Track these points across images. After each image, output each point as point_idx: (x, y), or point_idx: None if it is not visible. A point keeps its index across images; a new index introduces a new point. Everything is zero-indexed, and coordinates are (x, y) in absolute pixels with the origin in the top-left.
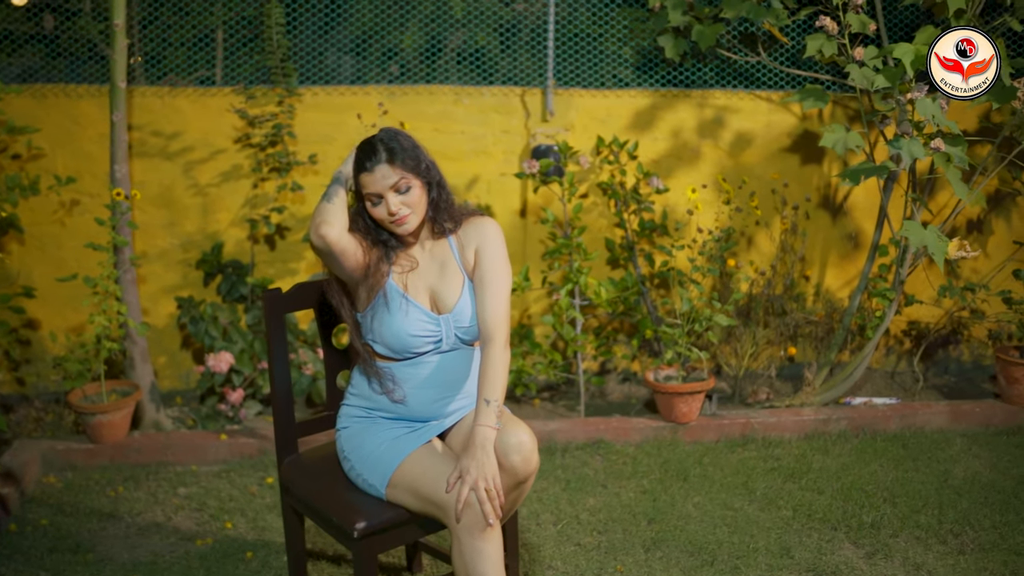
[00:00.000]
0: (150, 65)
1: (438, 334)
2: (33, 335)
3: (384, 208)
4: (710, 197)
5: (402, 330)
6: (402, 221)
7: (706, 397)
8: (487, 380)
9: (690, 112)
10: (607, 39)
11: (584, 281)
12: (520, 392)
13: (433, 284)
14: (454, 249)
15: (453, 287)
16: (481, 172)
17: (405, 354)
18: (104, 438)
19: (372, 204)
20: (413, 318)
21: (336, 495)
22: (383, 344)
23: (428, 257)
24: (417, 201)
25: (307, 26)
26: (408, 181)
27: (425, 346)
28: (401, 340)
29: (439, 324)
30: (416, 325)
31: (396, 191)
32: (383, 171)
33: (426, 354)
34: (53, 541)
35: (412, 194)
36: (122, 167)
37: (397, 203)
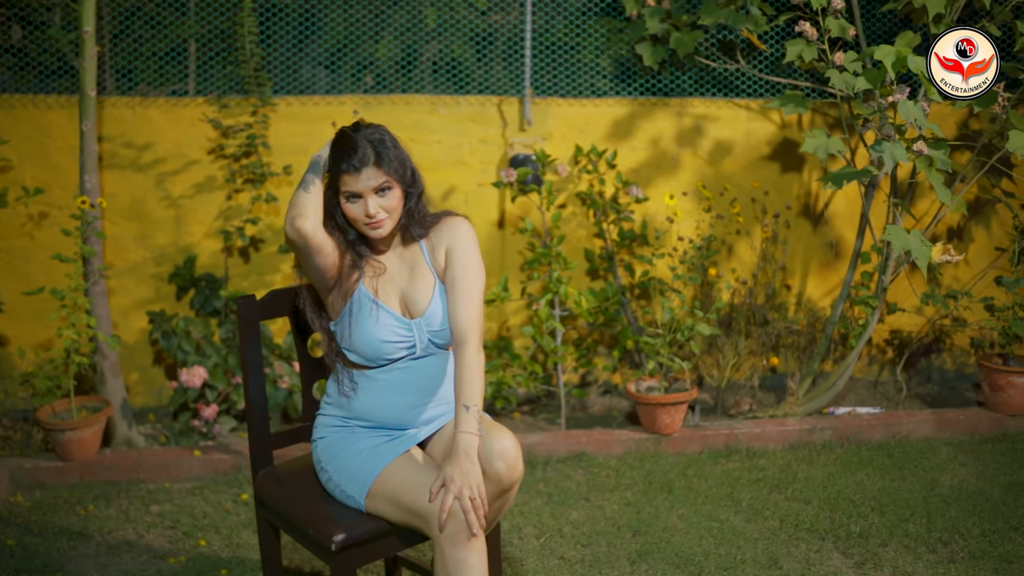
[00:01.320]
0: (121, 77)
1: (410, 339)
2: (1, 351)
3: (361, 208)
4: (690, 206)
5: (374, 336)
6: (377, 225)
7: (689, 408)
8: (463, 385)
9: (669, 121)
10: (585, 48)
11: (564, 291)
12: (500, 405)
13: (404, 288)
14: (424, 251)
15: (424, 290)
16: (458, 182)
17: (379, 361)
18: (74, 455)
19: (347, 201)
20: (384, 324)
21: (313, 507)
22: (356, 352)
23: (398, 260)
24: (395, 207)
25: (281, 38)
26: (390, 182)
27: (398, 352)
28: (373, 347)
29: (411, 329)
30: (387, 331)
31: (376, 193)
32: (369, 173)
33: (400, 360)
34: (20, 562)
35: (391, 198)
36: (92, 177)
37: (376, 206)
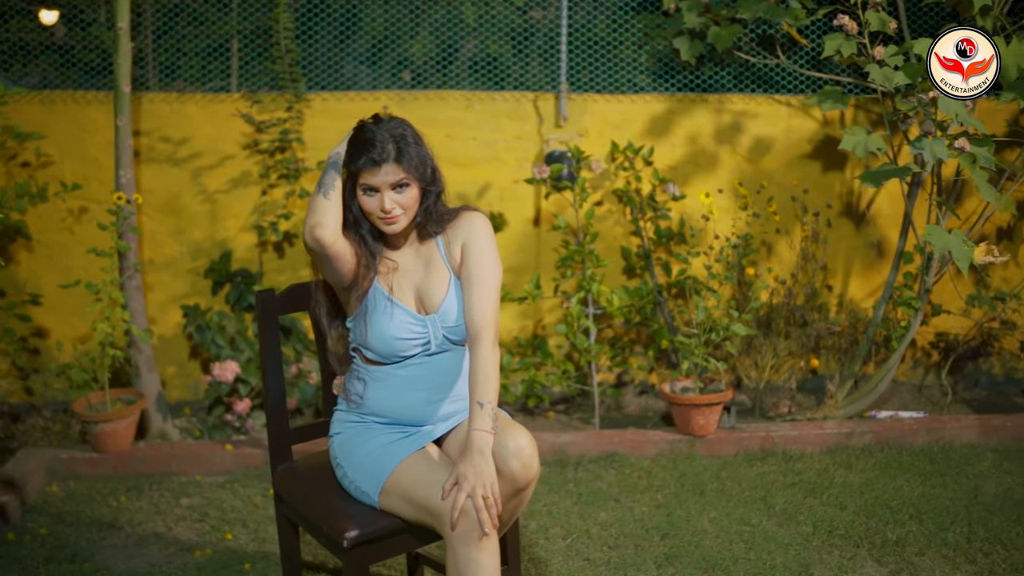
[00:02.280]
0: (164, 75)
1: (425, 335)
2: (41, 344)
3: (377, 202)
4: (728, 204)
5: (387, 333)
6: (392, 220)
7: (724, 409)
8: (478, 382)
9: (707, 117)
10: (622, 44)
11: (597, 289)
12: (533, 403)
13: (419, 284)
14: (440, 247)
15: (439, 286)
16: (493, 179)
17: (394, 357)
18: (108, 447)
19: (364, 193)
20: (398, 320)
21: (328, 503)
22: (371, 349)
23: (414, 256)
24: (411, 204)
25: (322, 35)
26: (408, 179)
27: (412, 348)
28: (388, 344)
29: (425, 325)
30: (401, 328)
31: (393, 189)
32: (388, 169)
33: (415, 356)
34: (51, 550)
35: (408, 195)
36: (127, 172)
37: (391, 202)
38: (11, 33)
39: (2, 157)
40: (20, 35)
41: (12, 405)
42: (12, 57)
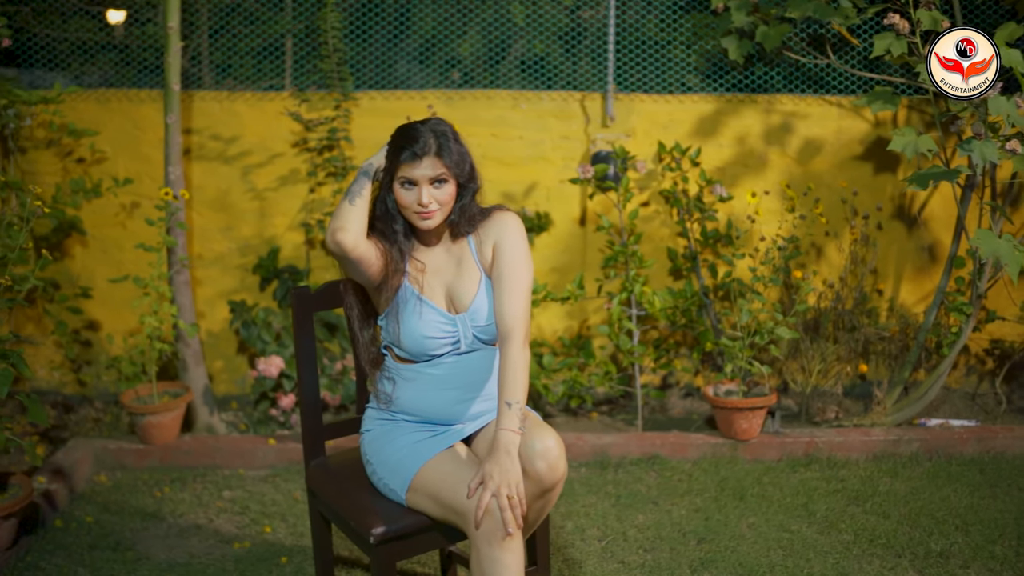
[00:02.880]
0: (219, 73)
1: (455, 335)
2: (94, 336)
3: (415, 196)
4: (775, 205)
5: (417, 332)
6: (428, 215)
7: (768, 414)
8: (507, 382)
9: (756, 118)
10: (670, 43)
11: (639, 290)
12: (575, 404)
13: (450, 282)
14: (472, 247)
15: (469, 285)
16: (540, 178)
17: (424, 356)
18: (154, 439)
19: (401, 187)
20: (428, 319)
21: (357, 500)
22: (402, 348)
23: (445, 255)
24: (447, 200)
25: (372, 34)
26: (447, 176)
27: (442, 347)
28: (417, 342)
29: (455, 324)
30: (431, 326)
31: (431, 183)
32: (429, 162)
33: (445, 355)
34: (95, 538)
35: (445, 191)
36: (176, 169)
37: (429, 196)
38: (71, 33)
39: (59, 153)
40: (81, 35)
41: (66, 396)
42: (72, 56)
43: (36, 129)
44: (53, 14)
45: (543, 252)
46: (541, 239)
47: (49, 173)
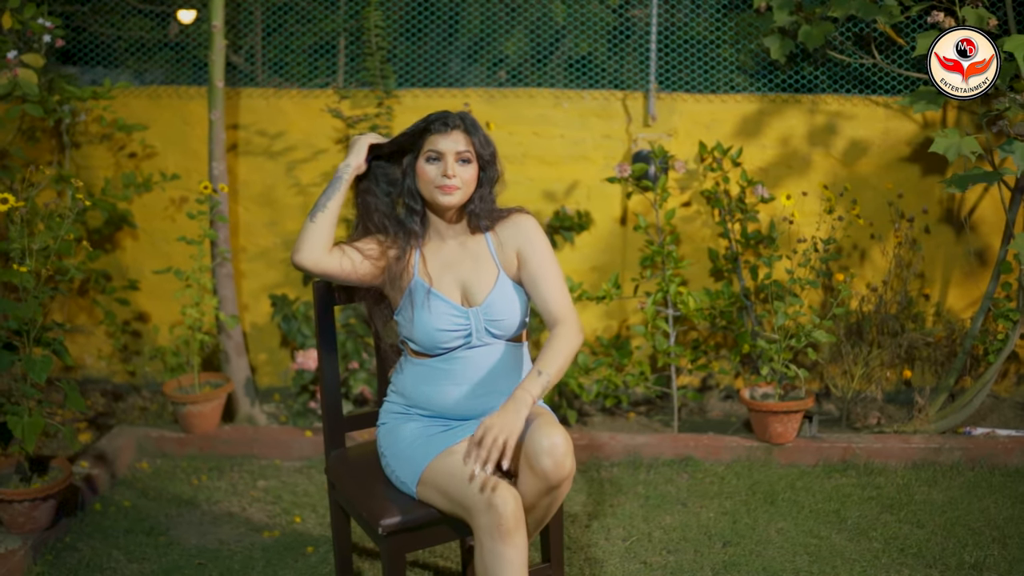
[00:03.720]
0: (274, 71)
1: (467, 327)
2: (143, 327)
3: (440, 168)
4: (819, 207)
5: (428, 325)
6: (450, 189)
7: (806, 418)
8: (547, 353)
9: (800, 118)
10: (714, 42)
11: (674, 290)
12: (610, 404)
13: (465, 277)
14: (490, 244)
15: (485, 281)
16: (581, 177)
17: (436, 349)
18: (194, 428)
19: (427, 162)
20: (439, 312)
21: (371, 491)
22: (415, 341)
23: (461, 250)
24: (469, 180)
25: (415, 33)
26: (471, 156)
27: (454, 340)
28: (429, 335)
29: (468, 317)
30: (443, 319)
31: (458, 159)
32: (458, 136)
33: (458, 349)
34: (131, 523)
35: (468, 171)
36: (219, 164)
37: (454, 169)
38: (129, 32)
39: (111, 148)
40: (138, 34)
41: (115, 384)
42: (128, 54)
43: (91, 125)
44: (112, 13)
45: (583, 251)
46: (581, 238)
47: (102, 167)
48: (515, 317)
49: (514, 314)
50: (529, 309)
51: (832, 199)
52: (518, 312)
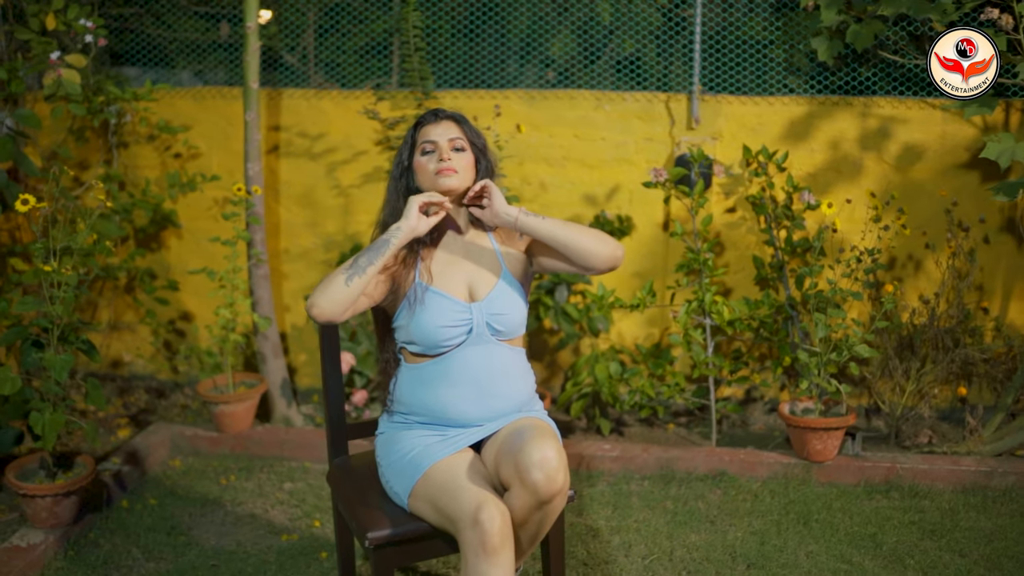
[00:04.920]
0: (327, 71)
1: (468, 322)
2: (187, 326)
3: (435, 157)
4: (867, 215)
5: (430, 322)
6: (448, 171)
7: (849, 435)
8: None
9: (851, 122)
10: (760, 42)
11: (709, 299)
12: (645, 414)
13: (467, 273)
14: (494, 242)
15: (488, 278)
16: (623, 181)
17: (437, 347)
18: (227, 428)
19: (423, 154)
20: (441, 308)
21: (365, 501)
22: (417, 342)
23: (464, 248)
24: (466, 167)
25: (459, 33)
26: (464, 145)
27: (456, 337)
28: (431, 332)
29: (469, 311)
30: (444, 315)
31: (452, 147)
32: (448, 125)
33: (457, 348)
34: (155, 520)
35: (463, 158)
36: (254, 165)
37: (449, 153)
38: (186, 33)
39: (158, 148)
40: (190, 35)
41: (160, 381)
42: (180, 55)
43: (139, 125)
44: (168, 15)
45: (625, 256)
46: (623, 243)
47: (149, 167)
48: (517, 312)
49: (517, 309)
50: (527, 311)
51: (879, 207)
52: (521, 308)
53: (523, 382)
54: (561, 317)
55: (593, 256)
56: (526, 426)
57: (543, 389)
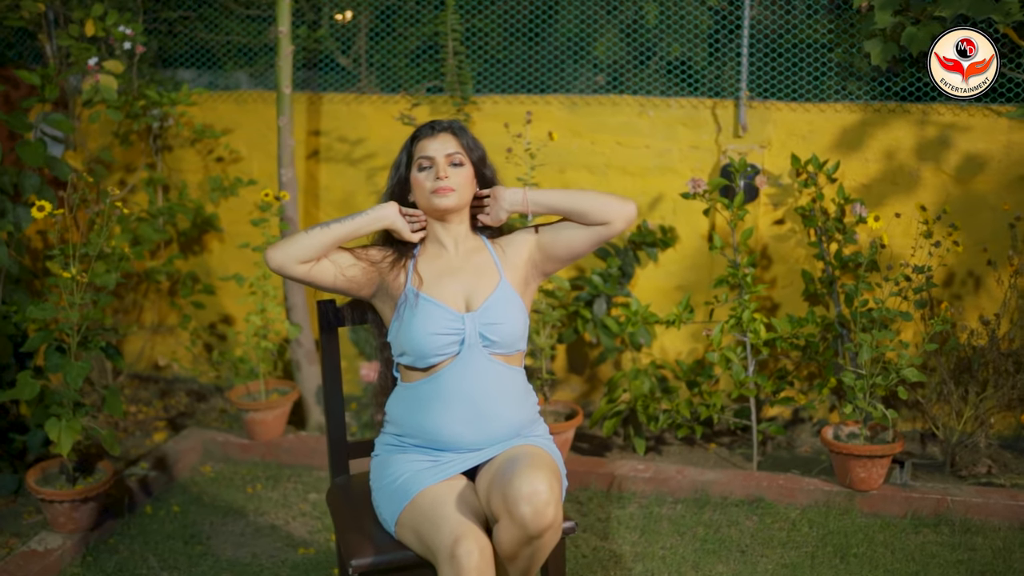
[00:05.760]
0: (382, 75)
1: (460, 332)
2: (229, 330)
3: (432, 174)
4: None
5: (420, 329)
6: (445, 191)
7: (897, 463)
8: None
9: (908, 130)
10: (811, 45)
11: (748, 316)
12: (682, 434)
13: (464, 285)
14: (493, 253)
15: (484, 288)
16: (666, 190)
17: (429, 356)
18: (258, 435)
19: (420, 170)
20: (432, 316)
21: (356, 525)
22: (408, 351)
23: (462, 260)
24: (464, 183)
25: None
26: (463, 159)
27: (447, 347)
28: (420, 341)
29: (463, 322)
30: (436, 323)
31: (449, 163)
32: (445, 138)
33: (450, 364)
34: (175, 528)
35: (462, 173)
36: (288, 171)
37: (446, 171)
38: (238, 37)
39: (200, 152)
40: (241, 39)
41: (201, 385)
42: (230, 58)
43: (181, 129)
44: (219, 18)
45: (668, 268)
46: (666, 255)
47: (192, 171)
48: (513, 323)
49: (512, 320)
50: (527, 332)
51: (929, 221)
52: (517, 319)
53: (521, 404)
54: (600, 330)
55: (609, 208)
56: (520, 454)
57: (575, 405)
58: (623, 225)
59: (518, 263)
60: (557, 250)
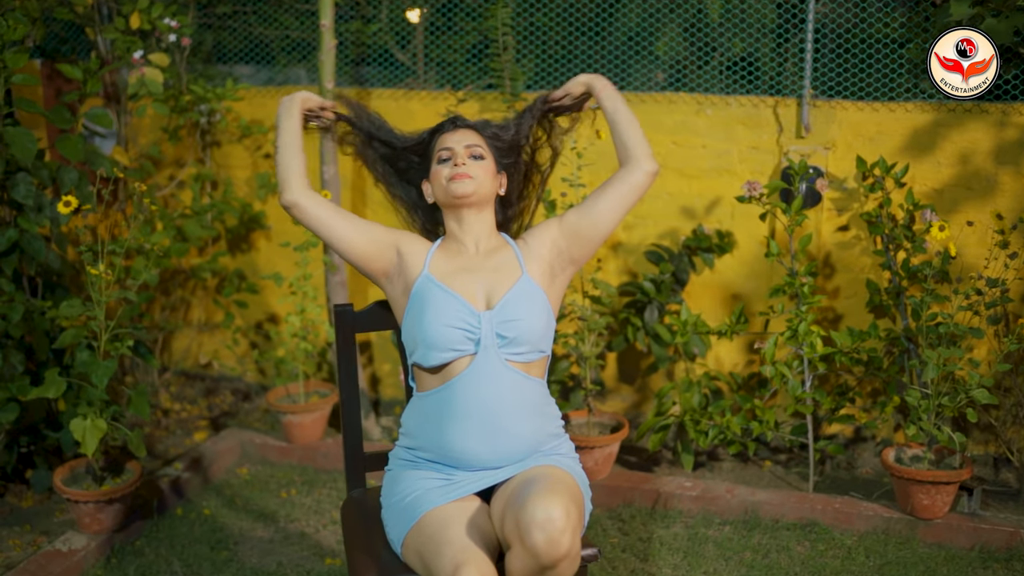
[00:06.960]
0: (441, 70)
1: (475, 329)
2: (274, 329)
3: (450, 163)
4: (994, 239)
5: (433, 318)
6: (462, 176)
7: (965, 490)
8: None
9: (985, 131)
10: (880, 42)
11: (804, 329)
12: (734, 450)
13: (483, 282)
14: (516, 249)
15: (504, 282)
16: (724, 193)
17: (440, 354)
18: (295, 438)
19: (440, 163)
20: (448, 307)
21: (365, 543)
22: (420, 346)
23: (482, 256)
24: (484, 176)
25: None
26: (484, 153)
27: (460, 343)
28: (431, 331)
29: (479, 320)
30: (450, 315)
31: (469, 154)
32: (466, 132)
33: (465, 372)
34: (203, 533)
35: (480, 167)
36: (330, 168)
37: (464, 159)
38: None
39: (248, 148)
40: (300, 35)
41: (247, 384)
42: (284, 53)
43: (231, 124)
44: (272, 12)
45: (725, 275)
46: (723, 261)
47: (240, 167)
48: (533, 320)
49: (533, 316)
50: (552, 333)
51: (1006, 230)
52: (538, 316)
53: (540, 419)
54: (652, 339)
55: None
56: (538, 476)
57: (622, 417)
58: (646, 171)
59: (542, 252)
60: (582, 228)
